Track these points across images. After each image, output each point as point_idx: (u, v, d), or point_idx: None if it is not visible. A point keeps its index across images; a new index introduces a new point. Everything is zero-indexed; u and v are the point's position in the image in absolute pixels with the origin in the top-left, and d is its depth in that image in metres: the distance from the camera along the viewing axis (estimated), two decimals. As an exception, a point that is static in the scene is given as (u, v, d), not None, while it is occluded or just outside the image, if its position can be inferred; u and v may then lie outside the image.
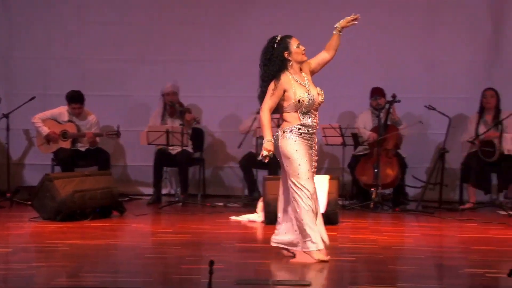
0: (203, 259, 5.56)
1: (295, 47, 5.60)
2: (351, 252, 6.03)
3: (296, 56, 5.58)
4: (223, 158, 9.69)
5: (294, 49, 5.58)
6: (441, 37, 9.28)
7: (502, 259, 5.76)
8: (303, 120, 5.50)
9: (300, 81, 5.56)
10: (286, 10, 9.42)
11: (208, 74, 9.51)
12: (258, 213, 7.54)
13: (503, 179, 8.51)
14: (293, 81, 5.52)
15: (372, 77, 8.97)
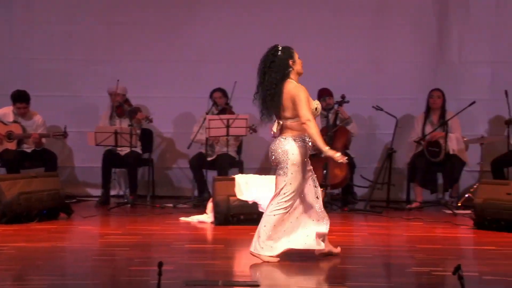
0: (152, 260, 5.53)
1: (298, 57, 5.55)
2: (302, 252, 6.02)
3: (298, 66, 5.55)
4: (172, 159, 9.65)
5: (297, 59, 5.54)
6: (388, 38, 9.39)
7: (447, 257, 5.85)
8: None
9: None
10: (235, 12, 9.42)
11: (157, 75, 9.46)
12: (207, 214, 7.53)
13: (448, 179, 8.65)
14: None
15: (320, 78, 9.02)
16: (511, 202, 6.89)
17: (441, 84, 9.10)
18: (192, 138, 8.75)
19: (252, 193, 7.33)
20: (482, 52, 9.30)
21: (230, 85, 8.80)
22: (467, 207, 8.18)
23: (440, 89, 8.85)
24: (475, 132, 9.04)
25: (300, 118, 5.34)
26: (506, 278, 5.13)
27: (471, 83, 9.29)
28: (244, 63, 9.30)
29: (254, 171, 8.56)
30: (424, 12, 9.36)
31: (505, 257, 5.82)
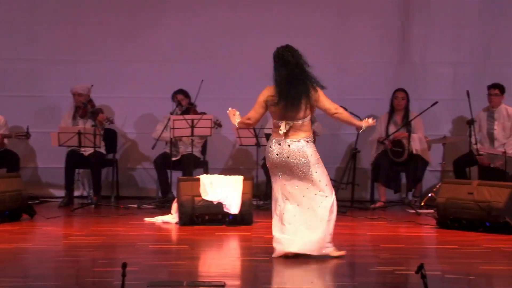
0: (116, 261, 5.50)
1: None
2: (265, 252, 6.03)
3: None
4: (136, 159, 9.59)
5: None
6: (351, 39, 9.43)
7: (410, 256, 5.91)
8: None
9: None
10: (198, 12, 9.39)
11: (121, 75, 9.38)
12: (172, 214, 7.50)
13: (411, 178, 8.71)
14: None
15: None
16: (472, 201, 6.97)
17: (404, 84, 9.17)
18: (157, 137, 8.70)
19: (217, 193, 7.31)
20: (444, 52, 9.37)
21: (193, 85, 8.77)
22: (430, 207, 8.25)
23: (404, 89, 8.92)
24: (437, 132, 9.11)
25: (330, 109, 5.70)
26: (468, 276, 5.20)
27: (434, 83, 9.36)
28: (207, 64, 9.33)
29: (219, 171, 8.56)
30: (387, 13, 9.41)
31: (466, 256, 5.88)
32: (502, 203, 6.84)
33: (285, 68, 5.68)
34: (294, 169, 5.63)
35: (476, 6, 9.38)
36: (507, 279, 5.24)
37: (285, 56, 5.72)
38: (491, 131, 8.73)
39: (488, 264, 5.59)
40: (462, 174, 8.61)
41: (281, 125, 5.63)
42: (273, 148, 5.68)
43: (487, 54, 9.38)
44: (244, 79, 9.29)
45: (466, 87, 8.62)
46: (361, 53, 9.40)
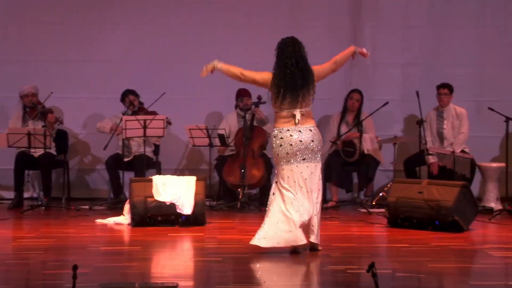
0: (67, 263, 5.43)
1: None
2: (218, 252, 6.07)
3: None
4: (88, 160, 9.49)
5: None
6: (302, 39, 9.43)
7: (361, 255, 5.96)
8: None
9: None
10: (146, 13, 9.34)
11: (70, 75, 9.28)
12: (124, 216, 7.44)
13: (363, 178, 8.79)
14: None
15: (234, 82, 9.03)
16: (422, 200, 7.05)
17: (355, 85, 9.25)
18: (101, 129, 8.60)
19: (170, 194, 7.28)
20: (394, 53, 9.48)
21: (141, 85, 8.73)
22: (381, 206, 8.32)
23: (359, 91, 8.98)
24: (388, 132, 9.21)
25: (329, 64, 6.33)
26: (418, 274, 5.25)
27: (384, 84, 9.47)
28: (155, 64, 9.29)
29: (171, 172, 8.52)
30: (337, 14, 9.47)
31: (417, 254, 5.95)
32: (451, 202, 6.93)
33: (293, 59, 6.06)
34: (309, 152, 5.91)
35: (425, 8, 9.51)
36: (455, 276, 5.32)
37: (294, 47, 6.16)
38: (441, 131, 8.86)
39: (438, 262, 5.66)
40: (413, 174, 8.72)
41: (296, 113, 5.92)
42: (291, 135, 5.91)
43: (436, 55, 9.52)
44: (192, 79, 9.26)
45: (415, 88, 8.71)
46: (312, 54, 9.37)
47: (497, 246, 6.44)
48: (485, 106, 8.71)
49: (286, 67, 5.97)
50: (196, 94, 9.34)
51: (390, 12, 9.48)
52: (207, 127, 8.71)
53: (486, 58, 9.52)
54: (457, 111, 8.83)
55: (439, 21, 9.50)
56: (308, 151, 5.91)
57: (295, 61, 6.02)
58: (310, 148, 5.92)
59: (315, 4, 9.49)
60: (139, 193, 7.29)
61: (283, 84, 5.92)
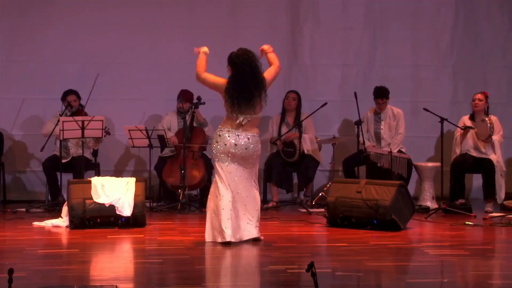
0: (2, 267, 5.33)
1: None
2: (159, 253, 6.03)
3: None
4: (24, 162, 9.31)
5: None
6: (241, 40, 9.44)
7: (302, 255, 5.99)
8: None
9: None
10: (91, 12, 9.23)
11: (7, 75, 9.10)
12: (62, 218, 7.33)
13: (303, 178, 8.85)
14: None
15: (176, 79, 9.01)
16: (361, 200, 7.13)
17: (295, 85, 9.33)
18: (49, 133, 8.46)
19: (109, 195, 7.22)
20: (332, 55, 9.56)
21: (81, 86, 8.62)
22: (321, 206, 8.39)
23: (296, 91, 9.06)
24: (327, 132, 9.29)
25: (274, 68, 6.53)
26: (357, 273, 5.32)
27: (323, 85, 9.54)
28: (97, 64, 9.17)
29: (110, 173, 8.43)
30: (277, 14, 9.49)
31: (355, 253, 6.02)
32: (389, 201, 7.02)
33: (244, 71, 6.26)
34: (247, 160, 6.32)
35: (361, 9, 9.61)
36: (393, 274, 5.39)
37: (245, 61, 6.28)
38: (378, 131, 8.98)
39: (376, 260, 5.72)
40: (351, 174, 8.80)
41: (241, 118, 6.25)
42: (230, 137, 6.28)
43: (373, 56, 9.64)
44: (134, 79, 9.21)
45: (353, 89, 8.82)
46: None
47: (432, 244, 6.55)
48: (420, 107, 8.85)
49: (240, 78, 6.25)
50: (135, 94, 9.27)
51: (328, 13, 9.55)
52: (146, 128, 8.64)
53: (421, 59, 9.69)
54: (394, 111, 8.97)
55: (376, 22, 9.63)
56: (239, 157, 6.28)
57: (250, 72, 6.25)
58: (242, 155, 6.28)
59: (254, 4, 9.49)
60: (78, 195, 7.19)
61: (236, 94, 6.23)
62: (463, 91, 9.67)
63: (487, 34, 9.76)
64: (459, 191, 8.45)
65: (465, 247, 6.33)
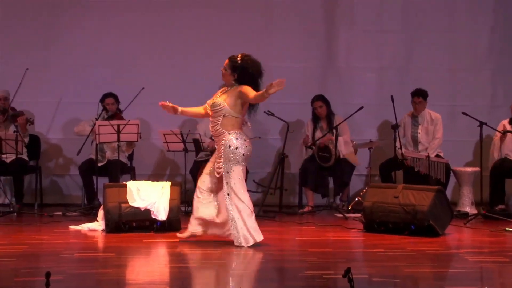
0: (39, 271, 5.36)
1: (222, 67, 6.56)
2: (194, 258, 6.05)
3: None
4: (61, 166, 9.39)
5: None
6: (277, 43, 9.45)
7: (338, 260, 5.95)
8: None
9: (218, 93, 6.55)
10: (122, 15, 9.27)
11: (43, 80, 9.16)
12: (98, 222, 7.35)
13: (338, 183, 8.79)
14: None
15: (208, 81, 9.01)
16: (398, 205, 7.07)
17: (330, 89, 9.26)
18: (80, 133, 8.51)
19: (145, 199, 7.22)
20: (368, 58, 9.50)
21: (116, 90, 8.68)
22: (357, 211, 8.34)
23: (321, 97, 8.93)
24: (363, 136, 9.21)
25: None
26: (394, 279, 5.25)
27: (359, 88, 9.47)
28: (133, 67, 9.21)
29: (146, 177, 8.44)
30: (312, 17, 9.45)
31: (392, 259, 5.96)
32: (426, 207, 6.95)
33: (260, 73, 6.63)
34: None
35: (398, 13, 9.54)
36: (430, 281, 5.33)
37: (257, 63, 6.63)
38: (415, 135, 8.90)
39: (413, 266, 5.66)
40: (388, 178, 8.74)
41: (248, 123, 6.76)
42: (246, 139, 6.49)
43: (410, 60, 9.56)
44: (170, 83, 9.22)
45: (390, 92, 8.71)
46: (286, 57, 9.42)
47: (472, 251, 6.47)
48: (458, 111, 8.76)
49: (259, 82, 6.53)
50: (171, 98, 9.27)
51: (364, 16, 9.50)
52: (181, 132, 8.65)
53: (459, 62, 9.58)
54: (431, 116, 8.88)
55: (412, 25, 9.55)
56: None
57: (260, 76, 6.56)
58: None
59: (287, 8, 9.46)
60: (113, 198, 7.21)
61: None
62: (502, 95, 9.52)
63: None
64: (499, 197, 8.34)
65: (505, 253, 6.23)
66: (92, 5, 9.29)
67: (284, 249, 6.58)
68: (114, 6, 9.31)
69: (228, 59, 6.53)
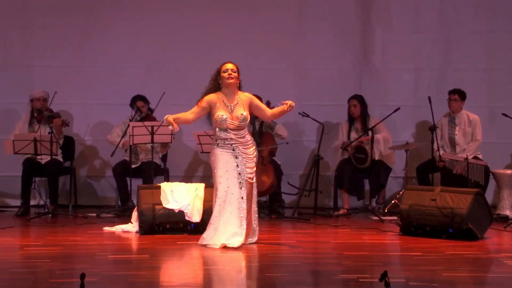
0: (74, 272, 5.39)
1: (223, 71, 6.52)
2: (228, 260, 6.02)
3: (223, 80, 6.51)
4: (95, 167, 9.42)
5: (221, 73, 6.54)
6: (311, 44, 9.40)
7: (374, 264, 5.89)
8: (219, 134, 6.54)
9: (227, 103, 6.50)
10: (155, 17, 9.27)
11: (74, 81, 9.21)
12: (132, 223, 7.37)
13: (375, 185, 8.70)
14: (219, 101, 6.50)
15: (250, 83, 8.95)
16: (435, 208, 6.98)
17: (366, 90, 9.18)
18: (116, 143, 8.53)
19: (178, 201, 7.22)
20: (404, 58, 9.41)
21: (149, 91, 8.70)
22: (394, 213, 8.26)
23: (357, 96, 8.86)
24: (400, 138, 9.10)
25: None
26: (432, 284, 5.19)
27: (395, 89, 9.39)
28: (162, 69, 9.23)
29: (180, 179, 8.42)
30: (347, 17, 9.39)
31: (430, 263, 5.88)
32: (465, 209, 6.86)
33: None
34: None
35: (436, 12, 9.43)
36: (469, 285, 5.26)
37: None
38: (452, 137, 8.77)
39: (451, 271, 5.59)
40: (425, 181, 8.64)
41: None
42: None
43: (447, 60, 9.44)
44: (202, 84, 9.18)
45: (427, 93, 8.64)
46: (321, 58, 9.38)
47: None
48: (497, 112, 8.64)
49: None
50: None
51: (400, 16, 9.41)
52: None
53: (497, 63, 9.44)
54: (469, 117, 8.75)
55: (450, 25, 9.43)
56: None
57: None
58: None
59: (322, 8, 9.39)
60: (147, 200, 7.22)
61: None
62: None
63: None
64: (541, 200, 8.17)
65: (547, 258, 6.10)
66: (124, 6, 9.30)
67: (319, 252, 6.54)
68: (147, 7, 9.30)
69: (232, 63, 6.59)
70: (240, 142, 6.50)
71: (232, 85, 6.53)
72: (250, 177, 6.49)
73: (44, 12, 9.24)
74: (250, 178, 6.49)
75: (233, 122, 6.47)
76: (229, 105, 6.50)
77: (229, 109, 6.49)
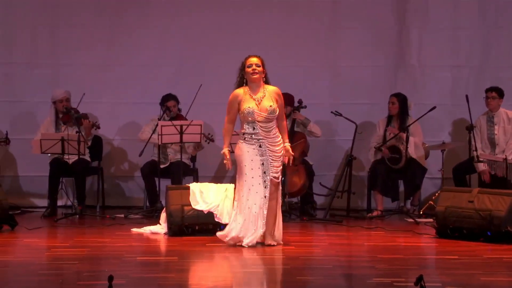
0: (102, 274, 5.36)
1: (247, 66, 6.50)
2: (258, 263, 5.98)
3: (247, 75, 6.49)
4: (123, 167, 9.38)
5: (246, 68, 6.52)
6: (346, 42, 9.33)
7: (409, 267, 5.80)
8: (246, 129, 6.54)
9: (254, 95, 6.48)
10: (184, 16, 9.22)
11: (102, 80, 9.18)
12: (161, 225, 7.32)
13: (409, 186, 8.58)
14: (246, 94, 6.48)
15: (274, 83, 8.85)
16: (473, 210, 6.86)
17: (401, 89, 9.06)
18: (147, 140, 8.45)
19: (208, 202, 7.16)
20: (442, 56, 9.30)
21: (178, 90, 8.65)
22: (429, 216, 8.16)
23: (398, 94, 8.75)
24: (436, 138, 8.99)
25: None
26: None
27: (432, 87, 9.27)
28: (191, 68, 9.16)
29: (209, 179, 8.39)
30: (382, 15, 9.31)
31: (467, 267, 5.78)
32: (504, 212, 6.72)
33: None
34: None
35: (475, 9, 9.31)
36: (509, 290, 5.15)
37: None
38: (492, 136, 8.61)
39: (489, 275, 5.47)
40: (462, 182, 8.51)
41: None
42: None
43: (486, 58, 9.31)
44: (230, 84, 9.08)
45: (465, 92, 8.52)
46: (356, 57, 9.32)
47: (554, 259, 6.20)
48: (538, 110, 8.46)
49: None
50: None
51: (438, 13, 9.29)
52: (246, 133, 8.50)
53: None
54: (508, 115, 8.61)
55: (489, 22, 9.29)
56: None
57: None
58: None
59: (357, 5, 9.30)
60: (176, 201, 7.16)
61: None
62: None
63: None
64: None
65: None
66: (154, 5, 9.25)
67: (352, 255, 6.46)
68: (176, 6, 9.23)
69: (257, 56, 6.52)
70: (268, 137, 6.43)
71: (257, 80, 6.51)
72: (276, 176, 6.45)
73: (73, 11, 9.23)
74: (276, 178, 6.45)
75: (261, 114, 6.42)
76: (256, 97, 6.47)
77: (256, 101, 6.45)
